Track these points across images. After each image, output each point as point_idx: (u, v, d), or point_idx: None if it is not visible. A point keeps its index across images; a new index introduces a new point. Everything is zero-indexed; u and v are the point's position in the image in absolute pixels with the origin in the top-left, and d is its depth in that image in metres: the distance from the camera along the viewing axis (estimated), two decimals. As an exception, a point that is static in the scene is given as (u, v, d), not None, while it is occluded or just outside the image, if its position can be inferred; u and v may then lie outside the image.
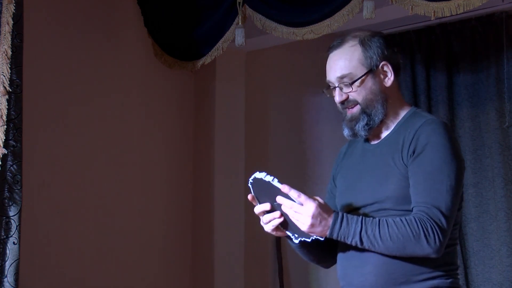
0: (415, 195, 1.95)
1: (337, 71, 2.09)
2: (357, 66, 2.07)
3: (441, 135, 1.98)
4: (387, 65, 2.11)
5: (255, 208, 2.02)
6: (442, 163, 1.95)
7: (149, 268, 4.05)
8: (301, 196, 1.90)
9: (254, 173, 1.97)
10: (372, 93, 2.07)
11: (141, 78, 4.10)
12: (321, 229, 1.91)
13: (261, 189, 1.99)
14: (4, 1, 3.00)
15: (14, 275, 2.95)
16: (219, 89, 4.29)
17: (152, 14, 4.06)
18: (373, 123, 2.08)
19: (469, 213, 4.06)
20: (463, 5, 2.91)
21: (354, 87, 2.07)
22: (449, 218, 1.92)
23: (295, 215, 1.91)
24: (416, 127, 2.01)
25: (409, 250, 1.91)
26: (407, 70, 4.31)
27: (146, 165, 4.08)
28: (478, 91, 4.10)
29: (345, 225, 1.92)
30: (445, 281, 1.99)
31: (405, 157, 2.00)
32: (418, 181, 1.95)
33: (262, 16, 3.49)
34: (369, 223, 1.92)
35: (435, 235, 1.89)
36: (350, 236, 1.92)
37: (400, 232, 1.89)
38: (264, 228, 2.03)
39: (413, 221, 1.90)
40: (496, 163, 3.96)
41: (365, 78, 2.07)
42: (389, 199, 2.00)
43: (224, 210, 4.20)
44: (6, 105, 2.96)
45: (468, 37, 4.13)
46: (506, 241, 3.89)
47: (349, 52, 2.09)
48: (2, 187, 2.97)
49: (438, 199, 1.92)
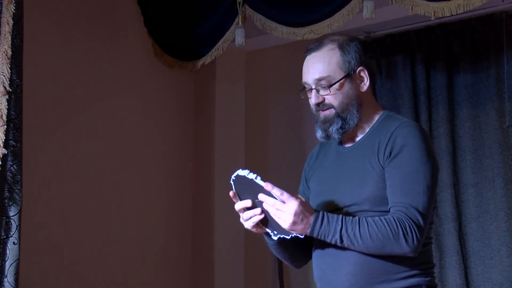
0: (393, 195, 1.99)
1: (315, 73, 2.11)
2: (335, 70, 2.10)
3: (417, 137, 2.02)
4: (364, 71, 2.13)
5: (235, 205, 2.06)
6: (418, 164, 1.99)
7: (149, 268, 4.05)
8: (283, 194, 1.93)
9: (237, 170, 2.00)
10: (348, 98, 2.10)
11: (141, 78, 4.10)
12: (302, 227, 1.94)
13: (243, 186, 2.02)
14: (4, 1, 3.00)
15: (14, 275, 2.95)
16: (219, 89, 4.29)
17: (152, 14, 4.06)
18: (348, 127, 2.11)
19: (469, 213, 4.06)
20: (463, 5, 2.91)
21: (332, 90, 2.09)
22: (426, 217, 1.97)
23: (277, 213, 1.94)
24: (392, 130, 2.04)
25: (388, 249, 1.95)
26: (407, 70, 4.31)
27: (146, 165, 4.08)
28: (478, 91, 4.10)
29: (326, 223, 1.94)
30: (424, 279, 2.03)
31: (381, 159, 2.03)
32: (396, 182, 1.99)
33: (262, 16, 3.49)
34: (349, 222, 1.95)
35: (413, 234, 1.93)
36: (331, 235, 1.95)
37: (379, 231, 1.93)
38: (244, 225, 2.06)
39: (392, 221, 1.93)
40: (496, 163, 3.96)
41: (343, 82, 2.10)
42: (366, 201, 2.03)
43: (224, 210, 4.20)
44: (6, 105, 2.97)
45: (468, 37, 4.13)
46: (506, 241, 3.89)
47: (327, 55, 2.11)
48: (2, 187, 2.97)
49: (415, 199, 1.96)
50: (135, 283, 3.96)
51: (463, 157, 4.12)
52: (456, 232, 4.05)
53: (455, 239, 4.04)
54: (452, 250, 4.04)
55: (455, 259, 4.03)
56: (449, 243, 4.05)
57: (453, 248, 4.04)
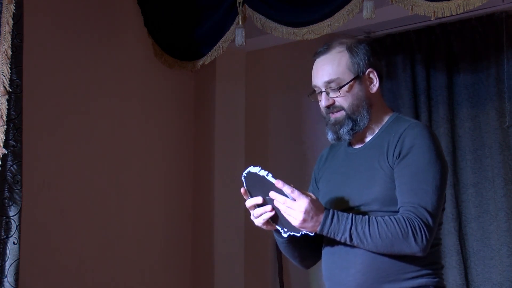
0: (402, 195, 2.00)
1: (324, 76, 2.13)
2: (345, 72, 2.11)
3: (426, 138, 2.03)
4: (373, 72, 2.15)
5: (246, 202, 2.06)
6: (427, 165, 2.00)
7: (149, 268, 4.05)
8: (294, 191, 1.93)
9: (248, 167, 2.00)
10: (358, 99, 2.12)
11: (141, 78, 4.10)
12: (312, 224, 1.94)
13: (253, 183, 2.02)
14: (4, 1, 3.00)
15: (14, 275, 2.95)
16: (219, 89, 4.29)
17: (152, 14, 4.06)
18: (358, 128, 2.12)
19: (469, 213, 4.06)
20: (463, 5, 2.91)
21: (342, 92, 2.11)
22: (435, 218, 1.97)
23: (288, 210, 1.95)
24: (401, 131, 2.05)
25: (397, 248, 1.95)
26: (407, 70, 4.32)
27: (146, 165, 4.08)
28: (478, 91, 4.10)
29: (336, 221, 1.95)
30: (432, 280, 2.04)
31: (390, 159, 2.04)
32: (405, 182, 2.00)
33: (262, 16, 3.49)
34: (359, 220, 1.96)
35: (422, 234, 1.93)
36: (340, 233, 1.96)
37: (389, 230, 1.94)
38: (254, 222, 2.06)
39: (401, 220, 1.94)
40: (496, 163, 3.96)
41: (352, 83, 2.11)
42: (375, 201, 2.04)
43: (224, 210, 4.20)
44: (6, 105, 2.96)
45: (468, 37, 4.13)
46: (506, 241, 3.89)
47: (336, 57, 2.13)
48: (2, 187, 2.97)
49: (424, 199, 1.97)
50: (135, 283, 3.96)
51: (463, 157, 4.12)
52: (456, 232, 4.06)
53: (455, 239, 4.05)
54: (452, 250, 4.04)
55: (455, 259, 4.03)
56: (449, 243, 4.05)
57: (453, 248, 4.04)
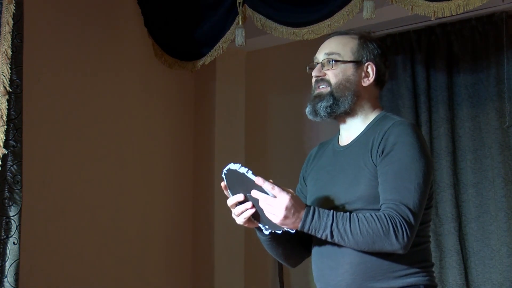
0: (384, 192, 1.99)
1: (327, 48, 2.18)
2: (347, 52, 2.16)
3: (410, 135, 2.02)
4: (372, 67, 2.16)
5: (228, 201, 2.05)
6: (410, 162, 1.99)
7: (150, 268, 4.05)
8: (275, 188, 1.92)
9: (229, 164, 1.99)
10: (348, 81, 2.14)
11: (141, 78, 4.10)
12: (293, 221, 1.93)
13: (234, 180, 2.01)
14: (4, 1, 3.00)
15: (14, 275, 2.95)
16: (219, 89, 4.29)
17: (152, 14, 4.06)
18: (337, 109, 2.14)
19: (469, 213, 4.06)
20: (463, 5, 2.91)
21: (335, 66, 2.13)
22: (417, 215, 1.96)
23: (268, 208, 1.94)
24: (385, 129, 2.05)
25: (378, 245, 1.94)
26: (407, 70, 4.32)
27: (146, 165, 4.09)
28: (478, 91, 4.10)
29: (317, 218, 1.94)
30: (422, 278, 2.03)
31: (374, 157, 2.04)
32: (387, 179, 1.99)
33: (262, 16, 3.50)
34: (340, 217, 1.95)
35: (403, 231, 1.92)
36: (321, 229, 1.95)
37: (370, 227, 1.93)
38: (236, 220, 2.07)
39: (382, 217, 1.93)
40: (496, 163, 3.96)
41: (349, 65, 2.14)
42: (360, 199, 2.03)
43: (224, 210, 4.17)
44: (6, 105, 2.97)
45: (468, 37, 4.13)
46: (506, 241, 3.89)
47: (346, 39, 2.18)
48: (2, 187, 2.97)
49: (406, 197, 1.96)
50: (135, 283, 3.96)
51: (463, 157, 4.12)
52: (456, 232, 4.06)
53: (455, 239, 4.05)
54: (452, 250, 4.04)
55: (455, 259, 4.03)
56: (449, 243, 4.05)
57: (453, 248, 4.04)
